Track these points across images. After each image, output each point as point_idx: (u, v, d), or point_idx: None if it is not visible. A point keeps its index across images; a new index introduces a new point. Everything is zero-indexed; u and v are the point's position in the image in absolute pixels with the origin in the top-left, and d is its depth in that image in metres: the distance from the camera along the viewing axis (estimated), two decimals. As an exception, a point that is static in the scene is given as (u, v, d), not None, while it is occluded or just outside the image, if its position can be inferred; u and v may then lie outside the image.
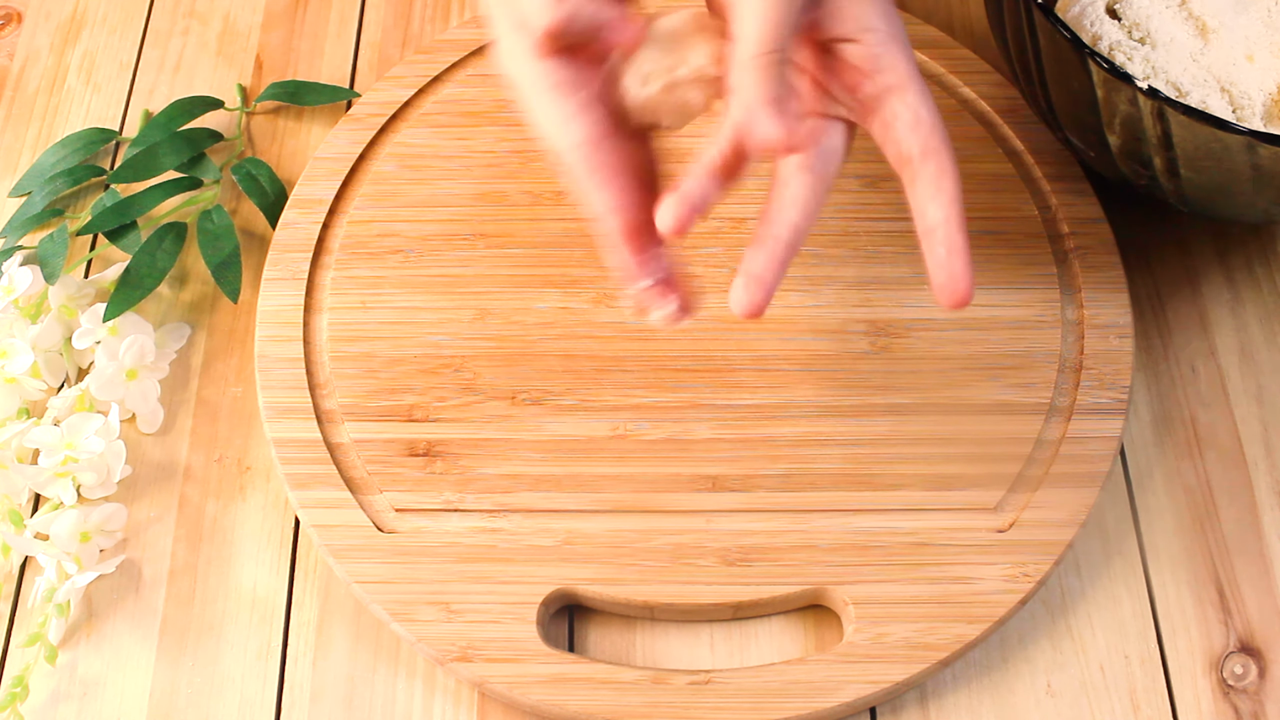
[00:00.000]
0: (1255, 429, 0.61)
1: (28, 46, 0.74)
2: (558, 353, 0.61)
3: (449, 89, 0.69)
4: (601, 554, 0.56)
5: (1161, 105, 0.54)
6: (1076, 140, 0.61)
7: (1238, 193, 0.58)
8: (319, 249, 0.64)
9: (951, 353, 0.61)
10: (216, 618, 0.57)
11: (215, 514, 0.60)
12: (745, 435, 0.59)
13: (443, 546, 0.56)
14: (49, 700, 0.56)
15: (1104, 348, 0.61)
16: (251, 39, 0.74)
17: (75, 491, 0.59)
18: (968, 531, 0.57)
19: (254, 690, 0.56)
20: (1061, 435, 0.59)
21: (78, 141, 0.69)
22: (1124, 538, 0.59)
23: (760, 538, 0.57)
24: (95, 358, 0.61)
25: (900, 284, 0.63)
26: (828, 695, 0.53)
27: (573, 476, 0.58)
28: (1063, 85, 0.58)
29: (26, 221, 0.66)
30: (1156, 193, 0.61)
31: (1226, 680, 0.56)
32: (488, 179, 0.66)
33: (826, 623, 0.57)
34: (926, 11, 0.73)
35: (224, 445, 0.62)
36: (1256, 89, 0.60)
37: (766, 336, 0.61)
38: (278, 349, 0.61)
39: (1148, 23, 0.62)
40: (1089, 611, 0.57)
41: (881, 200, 0.65)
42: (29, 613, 0.58)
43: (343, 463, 0.59)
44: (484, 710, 0.55)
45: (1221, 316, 0.64)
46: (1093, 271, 0.63)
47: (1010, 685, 0.56)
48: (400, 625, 0.55)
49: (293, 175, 0.68)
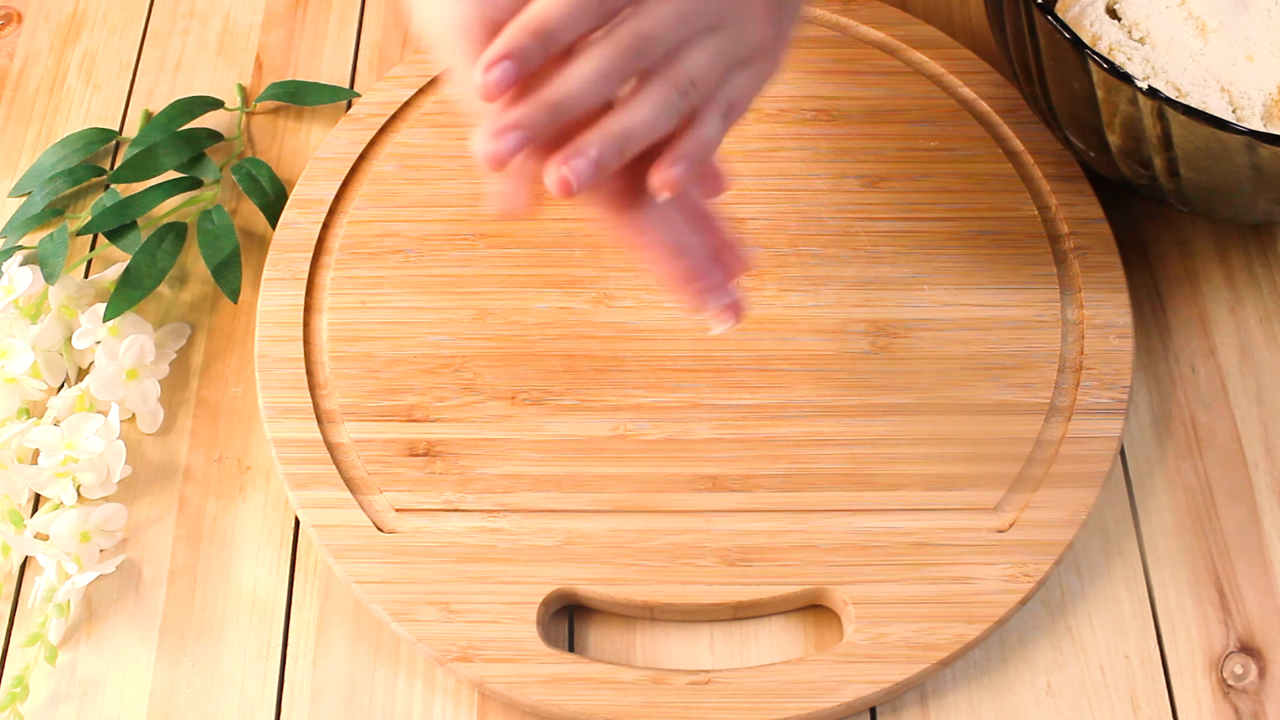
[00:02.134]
0: (1255, 429, 0.61)
1: (28, 46, 0.74)
2: (558, 353, 0.61)
3: (449, 89, 0.69)
4: (601, 554, 0.56)
5: (1161, 105, 0.54)
6: (1076, 140, 0.61)
7: (1238, 193, 0.58)
8: (319, 249, 0.64)
9: (951, 353, 0.61)
10: (216, 618, 0.57)
11: (215, 514, 0.60)
12: (745, 435, 0.59)
13: (443, 546, 0.56)
14: (49, 700, 0.56)
15: (1104, 348, 0.61)
16: (251, 39, 0.74)
17: (75, 491, 0.59)
18: (968, 531, 0.57)
19: (254, 690, 0.56)
20: (1061, 435, 0.59)
21: (78, 141, 0.69)
22: (1124, 538, 0.59)
23: (760, 538, 0.57)
24: (95, 358, 0.61)
25: (900, 284, 0.63)
26: (828, 695, 0.53)
27: (573, 476, 0.58)
28: (1063, 85, 0.58)
29: (26, 221, 0.66)
30: (1156, 193, 0.61)
31: (1226, 680, 0.56)
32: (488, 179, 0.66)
33: (826, 623, 0.57)
34: (926, 11, 0.73)
35: (224, 445, 0.62)
36: (1256, 89, 0.61)
37: (766, 336, 0.61)
38: (278, 349, 0.61)
39: (1147, 22, 0.62)
40: (1089, 611, 0.57)
41: (881, 200, 0.65)
42: (29, 613, 0.58)
43: (343, 463, 0.59)
44: (484, 710, 0.55)
45: (1221, 316, 0.64)
46: (1093, 271, 0.63)
47: (1010, 685, 0.56)
48: (400, 625, 0.55)
49: (293, 175, 0.68)
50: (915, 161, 0.66)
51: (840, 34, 0.70)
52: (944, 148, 0.66)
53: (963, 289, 0.62)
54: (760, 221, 0.64)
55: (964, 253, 0.63)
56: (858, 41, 0.70)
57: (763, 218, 0.64)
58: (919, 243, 0.64)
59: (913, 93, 0.68)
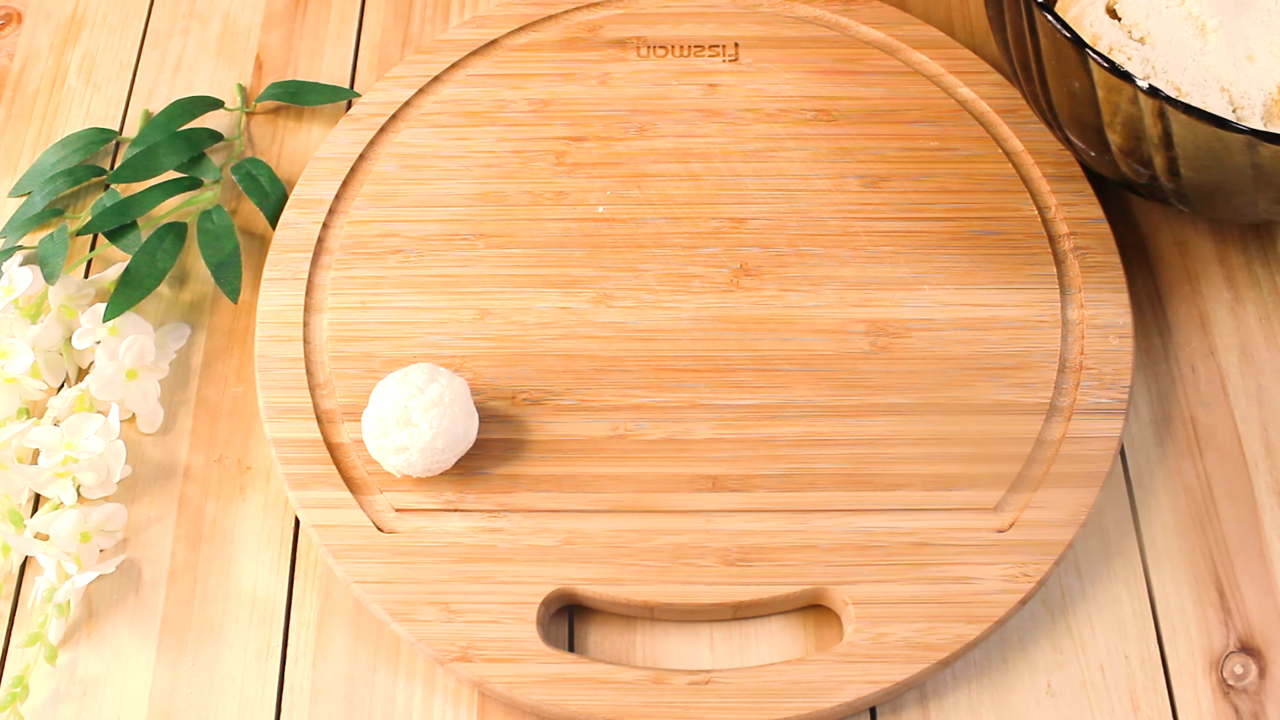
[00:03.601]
0: (1255, 429, 0.61)
1: (28, 46, 0.74)
2: (558, 353, 0.61)
3: (449, 89, 0.69)
4: (601, 554, 0.56)
5: (1162, 104, 0.54)
6: (1076, 140, 0.61)
7: (1238, 192, 0.58)
8: (319, 249, 0.64)
9: (951, 353, 0.61)
10: (216, 618, 0.57)
11: (215, 514, 0.60)
12: (745, 435, 0.59)
13: (443, 546, 0.56)
14: (49, 700, 0.56)
15: (1104, 348, 0.61)
16: (251, 39, 0.74)
17: (75, 491, 0.59)
18: (968, 531, 0.57)
19: (254, 690, 0.56)
20: (1061, 435, 0.59)
21: (78, 141, 0.69)
22: (1124, 538, 0.59)
23: (760, 538, 0.57)
24: (95, 358, 0.61)
25: (900, 284, 0.63)
26: (828, 695, 0.53)
27: (573, 476, 0.58)
28: (1063, 85, 0.58)
29: (26, 221, 0.66)
30: (1156, 192, 0.61)
31: (1226, 680, 0.56)
32: (488, 179, 0.66)
33: (826, 623, 0.57)
34: (926, 11, 0.73)
35: (224, 445, 0.62)
36: (1256, 88, 0.61)
37: (766, 336, 0.61)
38: (278, 349, 0.61)
39: (1147, 22, 0.62)
40: (1089, 611, 0.57)
41: (881, 200, 0.65)
42: (29, 613, 0.58)
43: (343, 463, 0.59)
44: (484, 710, 0.55)
45: (1221, 316, 0.64)
46: (1093, 271, 0.63)
47: (1010, 685, 0.56)
48: (400, 625, 0.55)
49: (293, 175, 0.68)
50: (915, 161, 0.66)
51: (840, 34, 0.70)
52: (944, 148, 0.66)
53: (963, 289, 0.62)
54: (760, 221, 0.64)
55: (964, 253, 0.63)
56: (858, 41, 0.70)
57: (763, 218, 0.64)
58: (919, 243, 0.64)
59: (913, 93, 0.68)
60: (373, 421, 0.56)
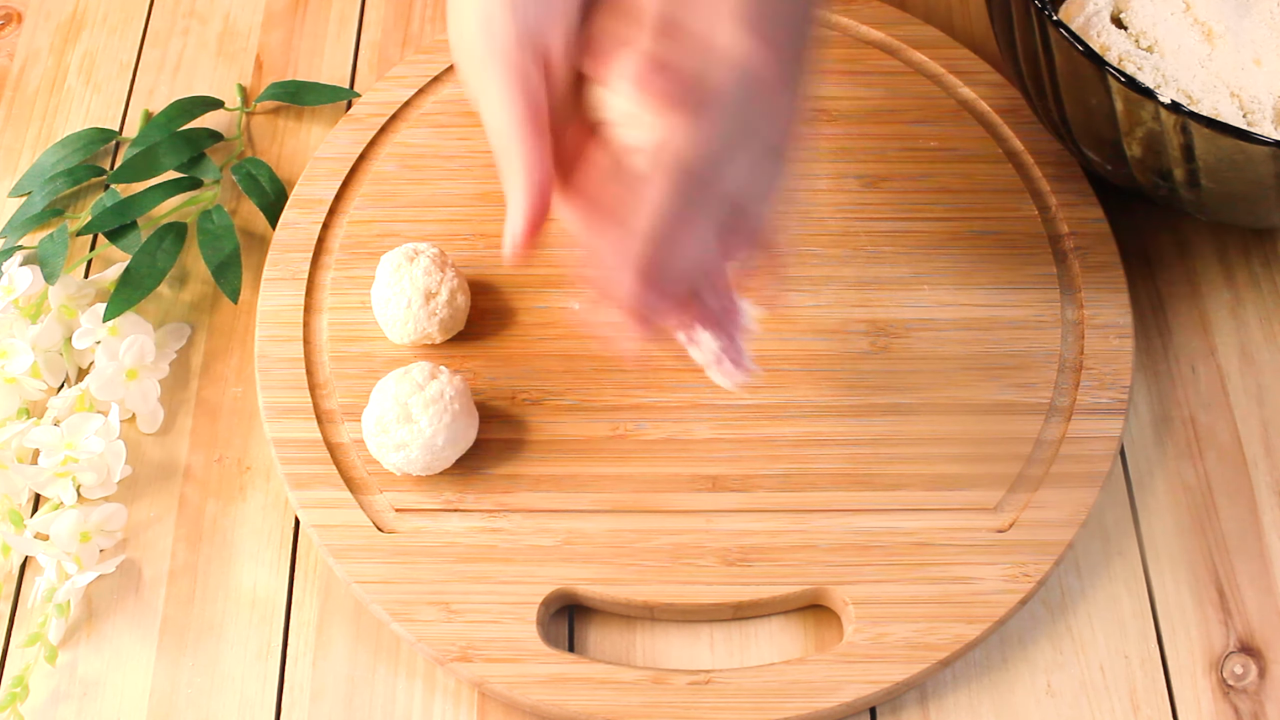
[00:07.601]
0: (1255, 429, 0.61)
1: (28, 46, 0.74)
2: (558, 353, 0.61)
3: (449, 89, 0.69)
4: (601, 554, 0.56)
5: (1185, 119, 0.54)
6: (1091, 153, 0.60)
7: (1259, 200, 0.58)
8: (319, 249, 0.64)
9: (951, 353, 0.61)
10: (216, 618, 0.57)
11: (215, 514, 0.60)
12: (745, 435, 0.59)
13: (443, 546, 0.56)
14: (49, 700, 0.56)
15: (1104, 348, 0.61)
16: (251, 39, 0.74)
17: (75, 491, 0.59)
18: (968, 531, 0.57)
19: (254, 690, 0.56)
20: (1061, 435, 0.59)
21: (78, 141, 0.69)
22: (1124, 538, 0.59)
23: (760, 538, 0.57)
24: (95, 358, 0.61)
25: (900, 284, 0.63)
26: (828, 695, 0.53)
27: (573, 476, 0.58)
28: (1079, 101, 0.58)
29: (26, 221, 0.66)
30: (1175, 203, 0.60)
31: (1226, 680, 0.56)
32: (488, 179, 0.66)
33: (826, 623, 0.57)
34: (926, 11, 0.73)
35: (224, 445, 0.62)
36: (1266, 92, 0.60)
37: (766, 336, 0.61)
38: (278, 349, 0.61)
39: (1154, 30, 0.62)
40: (1089, 611, 0.57)
41: (881, 200, 0.65)
42: (29, 613, 0.58)
43: (343, 463, 0.59)
44: (484, 710, 0.55)
45: (1221, 316, 0.64)
46: (1093, 271, 0.63)
47: (1010, 685, 0.56)
48: (400, 625, 0.55)
49: (293, 175, 0.68)
50: (915, 161, 0.66)
51: (840, 34, 0.70)
52: (944, 148, 0.66)
53: (963, 289, 0.62)
54: (760, 221, 0.64)
55: (964, 253, 0.63)
56: (858, 41, 0.70)
57: (763, 218, 0.64)
58: (919, 243, 0.64)
59: (913, 93, 0.68)
60: (373, 419, 0.56)
